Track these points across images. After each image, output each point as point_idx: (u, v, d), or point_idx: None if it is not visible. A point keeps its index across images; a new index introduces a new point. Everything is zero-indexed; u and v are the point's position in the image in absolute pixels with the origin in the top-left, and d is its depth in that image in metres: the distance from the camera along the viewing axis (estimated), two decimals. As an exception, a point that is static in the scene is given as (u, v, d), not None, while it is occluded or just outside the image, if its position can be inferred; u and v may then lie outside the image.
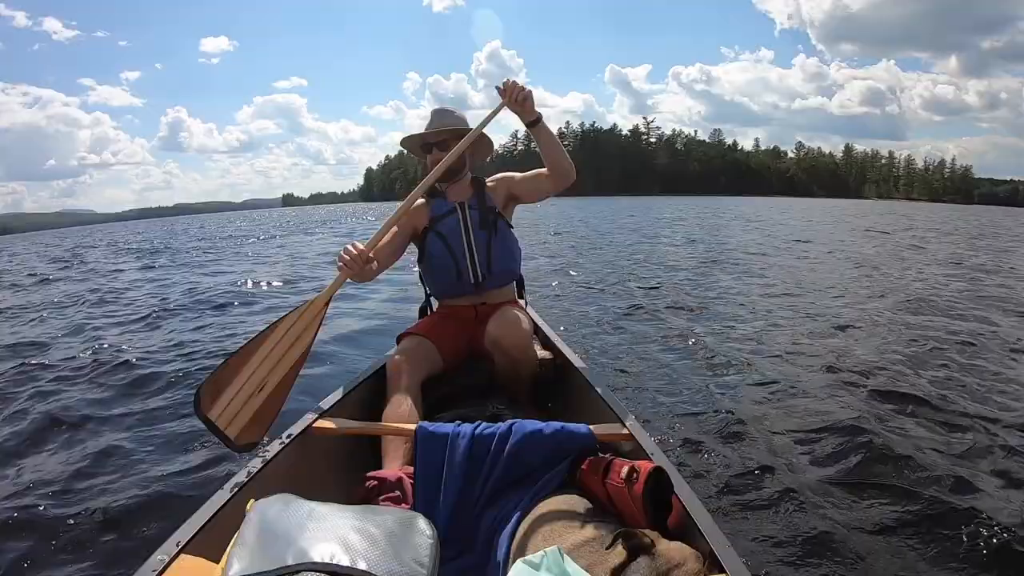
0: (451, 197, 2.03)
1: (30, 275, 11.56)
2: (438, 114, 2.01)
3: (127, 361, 3.78)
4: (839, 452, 2.38)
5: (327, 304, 1.64)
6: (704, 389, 3.20)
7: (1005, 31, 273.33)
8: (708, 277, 7.77)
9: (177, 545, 1.00)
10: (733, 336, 4.50)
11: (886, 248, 12.05)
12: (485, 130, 1.90)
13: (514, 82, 1.76)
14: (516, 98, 1.75)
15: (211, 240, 20.43)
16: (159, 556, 0.97)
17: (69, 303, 6.99)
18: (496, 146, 2.22)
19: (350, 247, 1.60)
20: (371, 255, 1.64)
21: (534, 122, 1.81)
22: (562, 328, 4.05)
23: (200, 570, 0.95)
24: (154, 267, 11.46)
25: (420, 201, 2.05)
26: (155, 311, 5.75)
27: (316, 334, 1.61)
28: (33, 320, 5.98)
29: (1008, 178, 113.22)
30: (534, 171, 1.99)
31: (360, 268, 1.60)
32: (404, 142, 2.06)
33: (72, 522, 1.86)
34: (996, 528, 1.79)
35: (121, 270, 11.15)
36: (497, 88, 1.78)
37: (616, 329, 4.67)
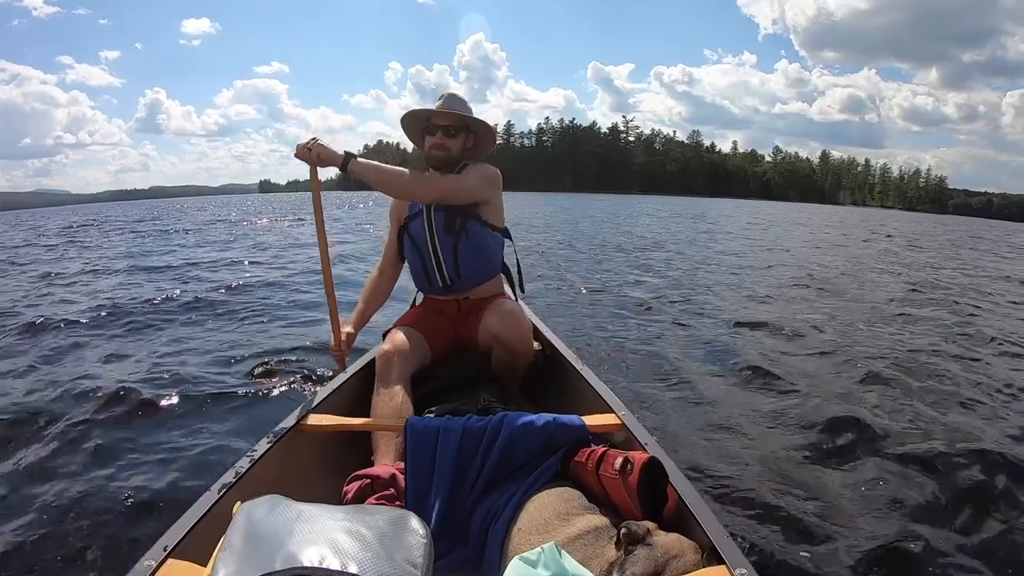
0: None
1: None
2: (452, 98, 1.87)
3: (115, 364, 3.55)
4: (835, 438, 2.38)
5: None
6: (695, 378, 3.21)
7: (987, 45, 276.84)
8: (697, 271, 7.93)
9: (164, 550, 0.98)
10: (724, 325, 4.57)
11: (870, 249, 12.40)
12: (485, 118, 1.87)
13: (298, 147, 1.71)
14: (312, 159, 1.70)
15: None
16: (146, 562, 0.95)
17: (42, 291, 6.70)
18: None
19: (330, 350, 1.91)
20: (348, 332, 1.90)
21: (344, 166, 1.71)
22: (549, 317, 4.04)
23: (188, 575, 0.94)
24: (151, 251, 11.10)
25: None
26: (136, 311, 5.46)
27: None
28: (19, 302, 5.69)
29: (983, 190, 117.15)
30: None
31: (349, 349, 1.90)
32: (409, 115, 1.90)
33: (57, 528, 1.76)
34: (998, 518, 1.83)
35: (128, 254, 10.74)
36: (296, 155, 1.73)
37: (602, 320, 4.68)
